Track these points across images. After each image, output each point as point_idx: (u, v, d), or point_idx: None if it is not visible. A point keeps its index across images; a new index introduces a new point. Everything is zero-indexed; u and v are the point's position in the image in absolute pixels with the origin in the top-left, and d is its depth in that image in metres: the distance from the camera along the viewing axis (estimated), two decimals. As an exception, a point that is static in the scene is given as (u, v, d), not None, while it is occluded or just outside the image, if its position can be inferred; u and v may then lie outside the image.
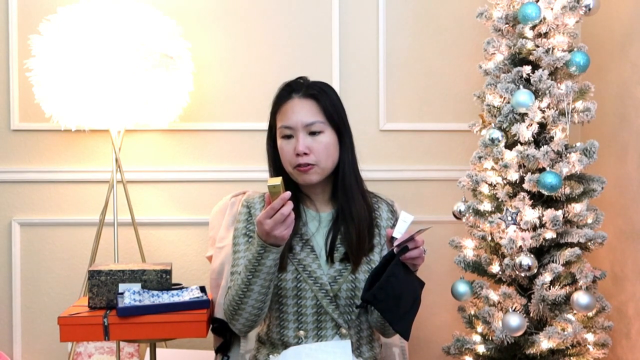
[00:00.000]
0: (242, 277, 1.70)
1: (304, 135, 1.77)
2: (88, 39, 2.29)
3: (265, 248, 1.65)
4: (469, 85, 2.66)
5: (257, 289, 1.69)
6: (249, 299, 1.70)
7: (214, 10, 2.69)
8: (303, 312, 1.79)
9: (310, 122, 1.78)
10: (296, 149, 1.76)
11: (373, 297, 1.61)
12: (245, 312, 1.73)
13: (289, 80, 1.88)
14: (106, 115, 2.35)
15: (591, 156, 2.06)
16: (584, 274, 2.03)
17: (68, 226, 2.69)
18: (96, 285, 2.06)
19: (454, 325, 2.51)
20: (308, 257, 1.79)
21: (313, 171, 1.78)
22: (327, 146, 1.79)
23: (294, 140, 1.78)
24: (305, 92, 1.81)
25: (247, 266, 1.69)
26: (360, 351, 1.84)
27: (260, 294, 1.70)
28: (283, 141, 1.80)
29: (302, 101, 1.80)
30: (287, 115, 1.79)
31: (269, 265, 1.67)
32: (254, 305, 1.72)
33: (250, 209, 1.87)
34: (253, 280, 1.68)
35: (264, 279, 1.68)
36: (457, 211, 2.25)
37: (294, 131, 1.78)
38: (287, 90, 1.84)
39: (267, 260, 1.66)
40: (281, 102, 1.83)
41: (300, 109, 1.79)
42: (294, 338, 1.79)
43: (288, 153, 1.79)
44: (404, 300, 1.64)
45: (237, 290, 1.71)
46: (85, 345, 2.56)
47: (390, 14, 2.71)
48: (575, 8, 2.09)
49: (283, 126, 1.79)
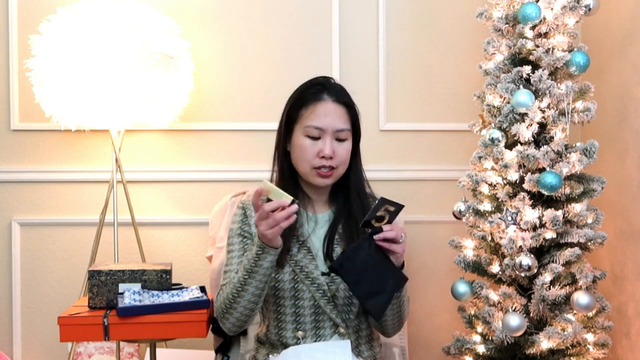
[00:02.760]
0: (238, 276, 1.71)
1: (331, 140, 1.78)
2: (88, 39, 2.29)
3: (264, 249, 1.65)
4: (469, 85, 2.66)
5: (251, 290, 1.70)
6: (243, 298, 1.71)
7: (214, 10, 2.69)
8: (301, 313, 1.79)
9: (341, 128, 1.80)
10: (322, 152, 1.77)
11: (339, 265, 1.65)
12: (237, 311, 1.73)
13: (316, 78, 1.87)
14: (106, 115, 2.35)
15: (591, 156, 2.06)
16: (584, 274, 2.03)
17: (68, 226, 2.69)
18: (96, 285, 2.07)
19: (454, 325, 2.51)
20: (305, 258, 1.80)
21: (332, 176, 1.81)
22: (347, 153, 1.82)
23: (320, 142, 1.78)
24: (338, 98, 1.82)
25: (245, 266, 1.69)
26: (359, 350, 1.84)
27: (254, 295, 1.71)
28: (307, 140, 1.79)
29: (336, 106, 1.80)
30: (320, 116, 1.78)
31: (265, 267, 1.67)
32: (247, 305, 1.72)
33: (246, 210, 1.87)
34: (249, 280, 1.69)
35: (259, 280, 1.69)
36: (457, 211, 2.25)
37: (322, 133, 1.78)
38: (318, 89, 1.82)
39: (264, 262, 1.67)
40: (312, 100, 1.81)
41: (334, 114, 1.79)
42: (293, 338, 1.80)
43: (311, 153, 1.78)
44: (369, 275, 1.64)
45: (232, 289, 1.72)
46: (85, 345, 2.56)
47: (390, 13, 2.71)
48: (575, 8, 2.09)
49: (313, 126, 1.78)
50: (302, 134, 1.80)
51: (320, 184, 1.82)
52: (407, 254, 2.62)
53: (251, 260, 1.68)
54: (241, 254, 1.81)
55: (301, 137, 1.80)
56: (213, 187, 2.69)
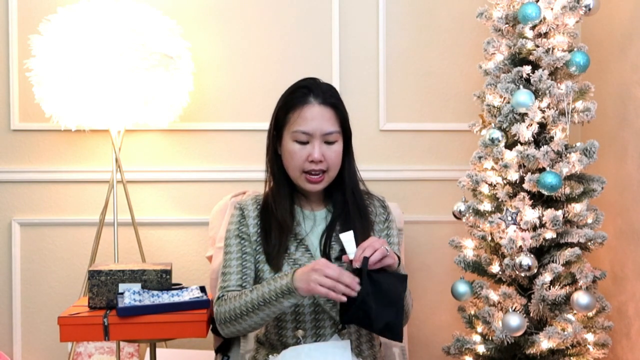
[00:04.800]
0: (252, 297, 1.70)
1: (320, 143, 1.76)
2: (88, 39, 2.29)
3: (291, 292, 1.64)
4: (469, 85, 2.66)
5: (262, 316, 1.70)
6: (251, 319, 1.72)
7: (213, 10, 2.69)
8: (301, 312, 1.79)
9: (329, 131, 1.77)
10: (311, 156, 1.75)
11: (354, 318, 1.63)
12: (241, 326, 1.74)
13: (303, 80, 1.84)
14: (106, 115, 2.35)
15: (591, 156, 2.06)
16: (584, 274, 2.03)
17: (68, 226, 2.69)
18: (96, 285, 2.06)
19: (454, 325, 2.52)
20: (303, 256, 1.80)
21: (324, 180, 1.79)
22: (338, 155, 1.80)
23: (309, 146, 1.76)
24: (324, 100, 1.78)
25: (264, 293, 1.68)
26: (360, 350, 1.84)
27: (263, 320, 1.72)
28: (295, 145, 1.77)
29: (323, 109, 1.77)
30: (307, 120, 1.76)
31: (286, 306, 1.68)
32: (252, 325, 1.74)
33: (244, 210, 1.87)
34: (263, 307, 1.69)
35: (273, 312, 1.70)
36: (457, 211, 2.25)
37: (310, 137, 1.76)
38: (304, 92, 1.79)
39: (286, 301, 1.66)
40: (298, 105, 1.78)
41: (321, 117, 1.77)
42: (293, 338, 1.80)
43: (300, 158, 1.77)
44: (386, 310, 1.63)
45: (242, 306, 1.71)
46: (85, 345, 2.56)
47: (390, 13, 2.71)
48: (575, 8, 2.09)
49: (300, 131, 1.76)
50: (291, 138, 1.78)
51: (311, 190, 1.81)
52: (407, 254, 2.64)
53: (273, 293, 1.66)
54: (239, 255, 1.81)
55: (290, 142, 1.78)
56: (213, 187, 2.69)
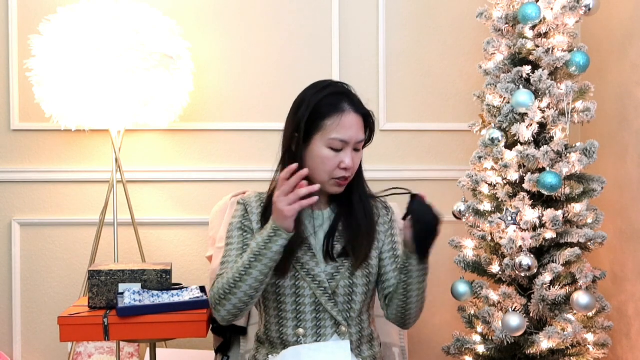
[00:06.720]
0: (243, 260, 1.71)
1: (351, 151, 1.78)
2: (88, 39, 2.29)
3: (277, 231, 1.66)
4: (469, 85, 2.66)
5: (255, 274, 1.69)
6: (245, 283, 1.70)
7: (213, 10, 2.69)
8: (302, 310, 1.79)
9: (360, 140, 1.80)
10: (343, 163, 1.76)
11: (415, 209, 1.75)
12: (236, 297, 1.72)
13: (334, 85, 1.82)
14: (106, 115, 2.35)
15: (591, 156, 2.06)
16: (584, 274, 2.03)
17: (68, 226, 2.69)
18: (96, 285, 2.06)
19: (454, 325, 2.52)
20: (305, 255, 1.80)
21: (346, 183, 1.82)
22: (360, 160, 1.83)
23: (342, 153, 1.77)
24: (358, 108, 1.79)
25: (252, 249, 1.69)
26: (360, 350, 1.84)
27: (256, 281, 1.70)
28: (329, 152, 1.76)
29: (358, 118, 1.78)
30: (346, 129, 1.75)
31: (274, 251, 1.68)
32: (247, 291, 1.72)
33: (247, 206, 1.87)
34: (255, 264, 1.69)
35: (265, 264, 1.69)
36: (457, 211, 2.25)
37: (345, 145, 1.77)
38: (340, 98, 1.79)
39: (274, 245, 1.67)
40: (336, 112, 1.76)
41: (357, 126, 1.78)
42: (293, 336, 1.79)
43: (333, 165, 1.76)
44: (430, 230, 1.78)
45: (234, 274, 1.71)
46: (85, 345, 2.56)
47: (390, 13, 2.71)
48: (575, 8, 2.09)
49: (339, 139, 1.75)
50: (325, 145, 1.76)
51: (336, 192, 1.82)
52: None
53: (261, 243, 1.68)
54: (240, 247, 1.81)
55: (323, 148, 1.76)
56: (213, 187, 2.69)
